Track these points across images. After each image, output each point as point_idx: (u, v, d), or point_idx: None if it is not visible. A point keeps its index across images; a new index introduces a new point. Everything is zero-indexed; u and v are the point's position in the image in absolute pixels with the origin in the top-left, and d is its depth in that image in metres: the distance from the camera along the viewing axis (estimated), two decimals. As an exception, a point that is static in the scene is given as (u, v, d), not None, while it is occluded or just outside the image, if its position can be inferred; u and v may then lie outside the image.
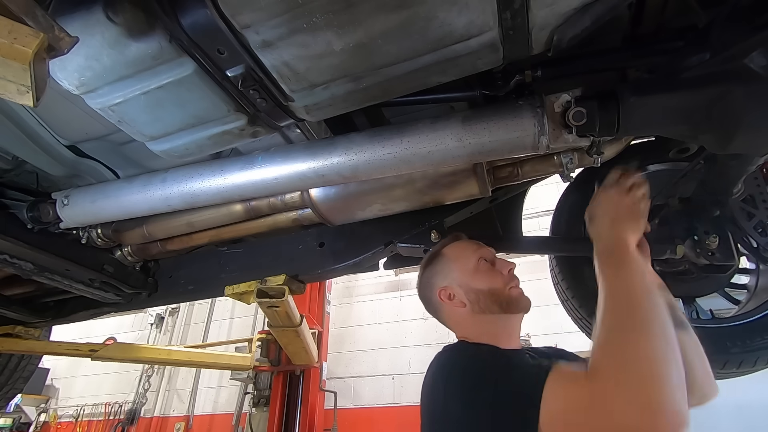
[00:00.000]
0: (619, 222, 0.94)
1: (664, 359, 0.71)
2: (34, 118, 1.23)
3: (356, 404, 5.21)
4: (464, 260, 1.15)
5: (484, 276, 1.11)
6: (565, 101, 1.00)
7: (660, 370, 0.70)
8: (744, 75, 0.86)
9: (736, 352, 1.36)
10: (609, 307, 0.81)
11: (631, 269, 0.85)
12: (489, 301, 1.07)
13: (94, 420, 6.65)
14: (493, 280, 1.10)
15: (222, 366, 4.36)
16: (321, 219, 1.50)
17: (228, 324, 6.65)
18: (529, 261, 5.01)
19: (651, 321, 0.76)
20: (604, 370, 0.73)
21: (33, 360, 2.84)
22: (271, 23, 0.78)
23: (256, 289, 1.65)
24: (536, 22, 0.83)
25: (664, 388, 0.68)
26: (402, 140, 1.08)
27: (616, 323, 0.78)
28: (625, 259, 0.87)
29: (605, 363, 0.74)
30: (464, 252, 1.17)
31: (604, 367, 0.74)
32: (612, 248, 0.90)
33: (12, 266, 1.48)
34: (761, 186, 1.34)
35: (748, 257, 1.55)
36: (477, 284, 1.09)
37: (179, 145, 1.06)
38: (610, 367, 0.73)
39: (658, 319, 0.76)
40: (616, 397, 0.69)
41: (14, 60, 0.57)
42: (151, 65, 0.86)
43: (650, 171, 1.55)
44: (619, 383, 0.70)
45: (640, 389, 0.68)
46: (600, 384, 0.72)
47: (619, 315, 0.79)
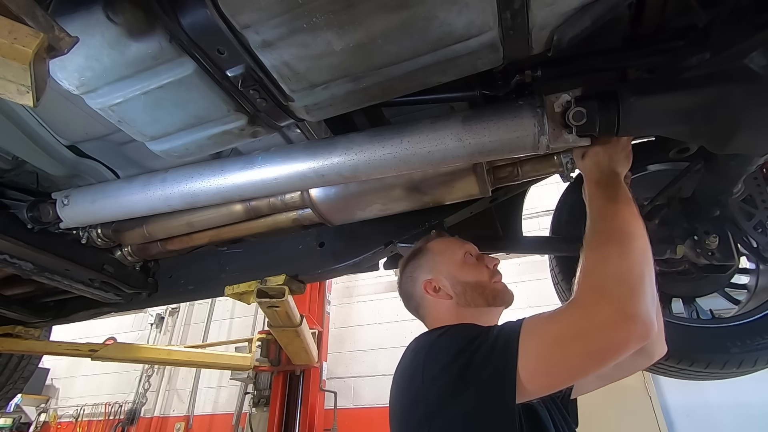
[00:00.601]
0: (617, 158, 1.01)
1: (641, 275, 0.79)
2: (34, 118, 1.23)
3: (356, 404, 5.21)
4: (450, 253, 1.16)
5: (471, 269, 1.13)
6: (565, 101, 1.00)
7: (640, 285, 0.78)
8: (744, 75, 0.85)
9: (736, 352, 1.37)
10: (597, 228, 0.89)
11: (621, 196, 0.93)
12: (475, 294, 1.09)
13: (94, 420, 6.64)
14: (479, 274, 1.12)
15: (222, 366, 4.36)
16: (321, 219, 1.50)
17: (228, 324, 6.65)
18: (529, 261, 5.02)
19: (634, 241, 0.84)
20: (590, 293, 0.81)
21: (33, 360, 2.84)
22: (271, 23, 0.78)
23: (256, 289, 1.65)
24: (536, 22, 0.83)
25: (643, 302, 0.76)
26: (402, 140, 1.08)
27: (602, 244, 0.86)
28: (616, 188, 0.95)
29: (590, 286, 0.82)
30: (450, 246, 1.19)
31: (591, 290, 0.81)
32: (605, 178, 0.98)
33: (12, 266, 1.48)
34: (761, 186, 1.35)
35: (748, 257, 1.55)
36: (464, 277, 1.11)
37: (179, 145, 1.06)
38: (595, 288, 0.81)
39: (640, 240, 0.84)
40: (602, 314, 0.77)
41: (14, 60, 0.57)
42: (151, 65, 0.86)
43: (650, 171, 1.55)
44: (604, 299, 0.77)
45: (623, 303, 0.76)
46: (587, 304, 0.80)
47: (606, 236, 0.87)
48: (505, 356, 0.80)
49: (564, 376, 0.83)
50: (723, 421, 3.92)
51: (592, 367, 0.80)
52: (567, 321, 0.81)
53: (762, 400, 3.83)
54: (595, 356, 0.78)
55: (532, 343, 0.81)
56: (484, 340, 0.86)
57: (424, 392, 0.87)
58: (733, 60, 0.87)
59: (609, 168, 1.00)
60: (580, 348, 0.78)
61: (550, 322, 0.83)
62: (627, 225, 0.87)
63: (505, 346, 0.81)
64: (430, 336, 0.98)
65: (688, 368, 1.41)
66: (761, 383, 3.70)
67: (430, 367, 0.88)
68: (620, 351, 0.76)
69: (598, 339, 0.77)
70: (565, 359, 0.79)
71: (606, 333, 0.76)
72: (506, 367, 0.79)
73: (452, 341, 0.91)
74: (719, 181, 1.26)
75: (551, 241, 1.71)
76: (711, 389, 3.98)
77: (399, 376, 0.98)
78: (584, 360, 0.79)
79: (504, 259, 4.62)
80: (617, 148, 1.02)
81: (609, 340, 0.76)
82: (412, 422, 0.89)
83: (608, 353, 0.77)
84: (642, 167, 1.56)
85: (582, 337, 0.78)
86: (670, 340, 1.41)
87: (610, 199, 0.93)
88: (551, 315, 0.84)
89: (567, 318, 0.82)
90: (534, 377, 0.79)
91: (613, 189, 0.95)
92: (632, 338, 0.75)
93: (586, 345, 0.78)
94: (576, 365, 0.80)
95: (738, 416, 3.87)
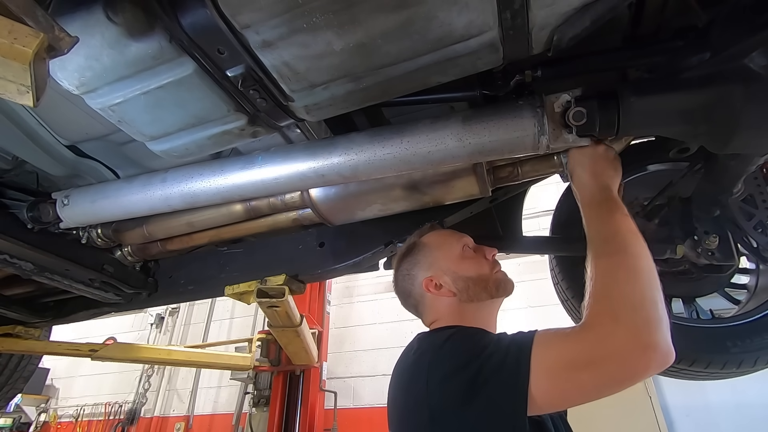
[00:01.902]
0: (601, 171, 0.99)
1: (654, 300, 0.77)
2: (34, 118, 1.23)
3: (356, 404, 5.21)
4: (448, 248, 1.13)
5: (471, 263, 1.10)
6: (565, 101, 1.00)
7: (654, 312, 0.75)
8: (744, 75, 0.86)
9: (736, 352, 1.36)
10: (600, 251, 0.86)
11: (618, 212, 0.90)
12: (478, 288, 1.06)
13: (94, 420, 6.65)
14: (480, 267, 1.10)
15: (222, 366, 4.36)
16: (321, 219, 1.50)
17: (228, 324, 6.65)
18: (529, 261, 5.02)
19: (640, 261, 0.82)
20: (604, 318, 0.77)
21: (33, 360, 2.84)
22: (271, 23, 0.78)
23: (256, 289, 1.65)
24: (536, 22, 0.83)
25: (659, 328, 0.74)
26: (402, 140, 1.08)
27: (609, 267, 0.83)
28: (611, 204, 0.93)
29: (603, 311, 0.78)
30: (447, 240, 1.15)
31: (604, 315, 0.78)
32: (598, 195, 0.96)
33: (12, 266, 1.48)
34: (761, 186, 1.34)
35: (748, 257, 1.55)
36: (465, 272, 1.08)
37: (179, 145, 1.06)
38: (608, 313, 0.77)
39: (645, 258, 0.83)
40: (619, 342, 0.74)
41: (14, 60, 0.57)
42: (151, 65, 0.86)
43: (650, 171, 1.55)
44: (620, 327, 0.74)
45: (640, 330, 0.73)
46: (602, 332, 0.76)
47: (611, 258, 0.84)
48: (518, 371, 0.78)
49: (576, 399, 0.80)
50: (723, 421, 3.92)
51: (606, 392, 0.77)
52: (581, 346, 0.78)
53: (762, 400, 3.83)
54: (611, 383, 0.76)
55: (544, 363, 0.78)
56: (495, 350, 0.83)
57: (427, 398, 0.84)
58: (733, 60, 0.87)
59: (596, 182, 0.98)
60: (595, 375, 0.76)
61: (564, 344, 0.80)
62: (629, 246, 0.84)
63: (517, 361, 0.79)
64: (436, 338, 0.95)
65: (688, 368, 1.41)
66: (761, 383, 3.70)
67: (435, 372, 0.85)
68: (637, 378, 0.75)
69: (615, 367, 0.75)
70: (579, 384, 0.77)
71: (623, 362, 0.74)
72: (518, 383, 0.77)
73: (461, 348, 0.88)
74: (719, 180, 1.26)
75: (551, 241, 1.70)
76: (711, 389, 3.98)
77: (399, 376, 0.97)
78: (598, 386, 0.77)
79: (504, 259, 4.62)
80: (598, 159, 1.00)
81: (626, 369, 0.74)
82: (413, 424, 0.87)
83: (625, 381, 0.75)
84: (642, 167, 1.55)
85: (597, 365, 0.75)
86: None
87: (606, 221, 0.91)
88: (565, 336, 0.81)
89: (581, 343, 0.78)
90: (545, 397, 0.77)
91: (607, 206, 0.93)
92: (651, 366, 0.73)
93: (601, 372, 0.75)
94: (589, 390, 0.77)
95: (738, 416, 3.87)
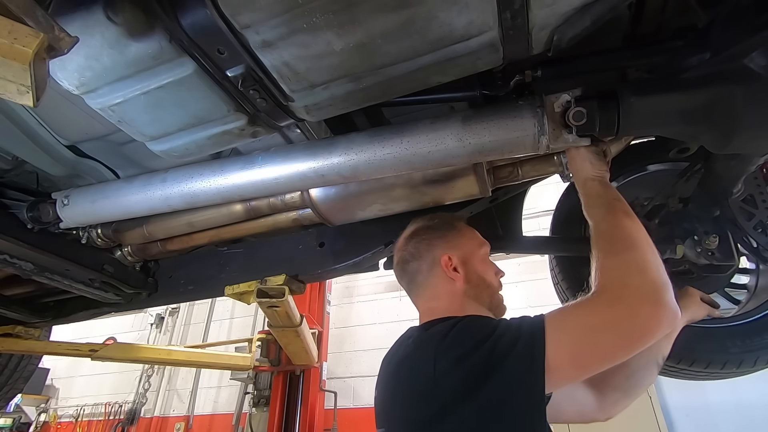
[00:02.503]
0: (595, 166, 1.04)
1: (658, 266, 0.84)
2: (34, 118, 1.23)
3: (356, 404, 5.21)
4: (476, 243, 1.14)
5: (488, 267, 1.12)
6: (565, 101, 1.00)
7: (659, 275, 0.82)
8: (744, 75, 0.86)
9: (736, 352, 1.36)
10: (603, 234, 0.93)
11: (620, 204, 0.97)
12: (485, 292, 1.07)
13: (94, 420, 6.64)
14: (492, 276, 1.11)
15: (222, 366, 4.36)
16: (321, 219, 1.50)
17: (228, 324, 6.65)
18: (529, 261, 5.02)
19: (639, 238, 0.89)
20: (614, 284, 0.83)
21: (33, 360, 2.84)
22: (271, 23, 0.78)
23: (256, 289, 1.65)
24: (536, 22, 0.83)
25: (666, 289, 0.80)
26: (402, 140, 1.08)
27: (612, 245, 0.89)
28: (609, 194, 0.99)
29: (613, 278, 0.84)
30: (477, 238, 1.16)
31: (614, 282, 0.84)
32: (596, 187, 1.01)
33: (12, 266, 1.48)
34: (761, 186, 1.34)
35: (748, 257, 1.55)
36: (482, 272, 1.09)
37: (179, 145, 1.06)
38: (617, 280, 0.83)
39: (644, 235, 0.90)
40: (630, 301, 0.80)
41: (14, 60, 0.57)
42: (151, 65, 0.86)
43: (650, 171, 1.55)
44: (630, 289, 0.81)
45: (649, 291, 0.80)
46: (613, 294, 0.82)
47: (614, 239, 0.91)
48: (533, 344, 0.79)
49: (594, 364, 0.82)
50: (723, 421, 3.92)
51: (622, 354, 0.81)
52: (596, 310, 0.82)
53: (762, 401, 3.83)
54: (627, 344, 0.80)
55: (561, 334, 0.81)
56: (506, 330, 0.84)
57: (434, 387, 0.82)
58: (733, 60, 0.87)
59: (593, 175, 1.03)
60: (612, 335, 0.79)
61: (578, 312, 0.85)
62: (626, 230, 0.91)
63: (531, 335, 0.81)
64: (439, 328, 0.91)
65: (688, 368, 1.41)
66: (761, 383, 3.70)
67: (443, 360, 0.83)
68: (650, 336, 0.79)
69: (630, 326, 0.79)
70: (597, 347, 0.80)
71: (637, 320, 0.79)
72: (534, 359, 0.78)
73: (469, 333, 0.86)
74: (719, 181, 1.26)
75: (551, 241, 1.70)
76: (711, 389, 3.98)
77: (396, 368, 0.94)
78: (615, 348, 0.80)
79: (504, 259, 4.61)
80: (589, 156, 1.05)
81: (640, 327, 0.79)
82: (418, 421, 0.83)
83: (639, 340, 0.79)
84: (642, 167, 1.55)
85: (613, 325, 0.79)
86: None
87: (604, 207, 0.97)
88: (577, 306, 0.85)
89: (596, 307, 0.83)
90: (564, 367, 0.79)
91: (603, 196, 0.99)
92: (662, 323, 0.78)
93: (617, 332, 0.79)
94: (607, 352, 0.81)
95: (738, 416, 3.87)
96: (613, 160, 1.13)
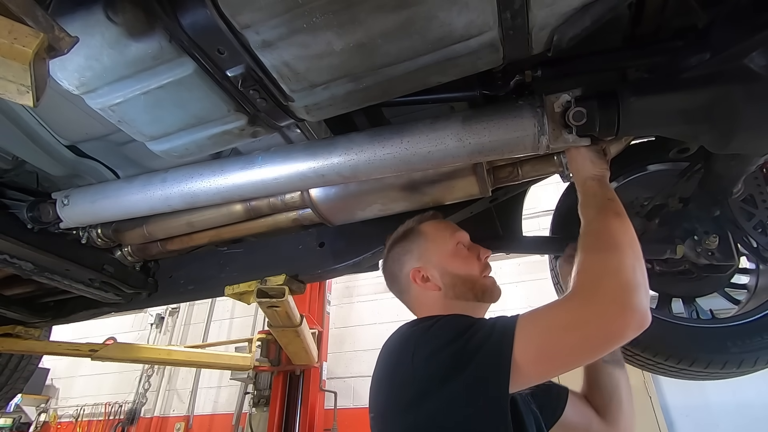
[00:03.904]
0: (596, 165, 1.03)
1: (634, 267, 0.82)
2: (34, 118, 1.23)
3: (356, 404, 5.21)
4: (442, 241, 1.13)
5: (462, 261, 1.10)
6: (565, 101, 1.00)
7: (633, 277, 0.81)
8: (744, 75, 0.85)
9: (736, 352, 1.36)
10: (589, 233, 0.92)
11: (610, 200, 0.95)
12: (465, 288, 1.07)
13: (94, 420, 6.65)
14: (470, 267, 1.10)
15: (222, 366, 4.36)
16: (321, 219, 1.50)
17: (228, 324, 6.65)
18: (529, 261, 5.02)
19: (623, 239, 0.87)
20: (587, 285, 0.83)
21: (33, 360, 2.84)
22: (271, 23, 0.78)
23: (256, 289, 1.65)
24: (536, 22, 0.83)
25: (638, 292, 0.79)
26: (402, 140, 1.08)
27: (594, 245, 0.89)
28: (604, 194, 0.98)
29: (587, 279, 0.84)
30: (442, 232, 1.15)
31: (587, 282, 0.84)
32: (594, 186, 1.00)
33: (12, 266, 1.48)
34: (761, 186, 1.34)
35: (748, 257, 1.55)
36: (455, 269, 1.08)
37: (179, 145, 1.06)
38: (591, 281, 0.83)
39: (629, 237, 0.88)
40: (600, 302, 0.79)
41: (14, 60, 0.57)
42: (151, 65, 0.86)
43: (650, 171, 1.55)
44: (602, 290, 0.80)
45: (619, 293, 0.79)
46: (585, 295, 0.82)
47: (597, 239, 0.90)
48: (502, 343, 0.81)
49: (560, 364, 0.84)
50: (723, 421, 3.92)
51: (588, 354, 0.83)
52: (566, 310, 0.83)
53: (762, 400, 3.83)
54: (593, 345, 0.80)
55: (530, 332, 0.82)
56: (480, 327, 0.87)
57: (412, 376, 0.86)
58: (733, 60, 0.87)
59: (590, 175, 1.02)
60: (579, 335, 0.80)
61: (549, 311, 0.85)
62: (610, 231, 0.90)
63: (502, 334, 0.82)
64: (424, 323, 0.97)
65: (688, 368, 1.41)
66: (761, 383, 3.70)
67: (420, 352, 0.88)
68: (617, 339, 0.79)
69: (596, 328, 0.79)
70: (564, 346, 0.81)
71: (604, 322, 0.78)
72: (502, 354, 0.80)
73: (446, 328, 0.91)
74: (719, 181, 1.26)
75: (551, 241, 1.70)
76: (711, 389, 3.98)
77: (384, 359, 0.97)
78: (582, 348, 0.81)
79: (504, 259, 4.60)
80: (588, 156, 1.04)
81: (606, 330, 0.79)
82: (398, 407, 0.88)
83: (605, 343, 0.80)
84: (642, 167, 1.55)
85: (581, 325, 0.80)
86: (671, 340, 1.41)
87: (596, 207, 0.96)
88: (549, 306, 0.86)
89: (566, 307, 0.84)
90: (531, 364, 0.80)
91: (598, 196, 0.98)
92: (629, 328, 0.77)
93: (584, 333, 0.79)
94: (574, 353, 0.82)
95: (738, 416, 3.88)
96: (613, 160, 1.13)
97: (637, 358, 1.46)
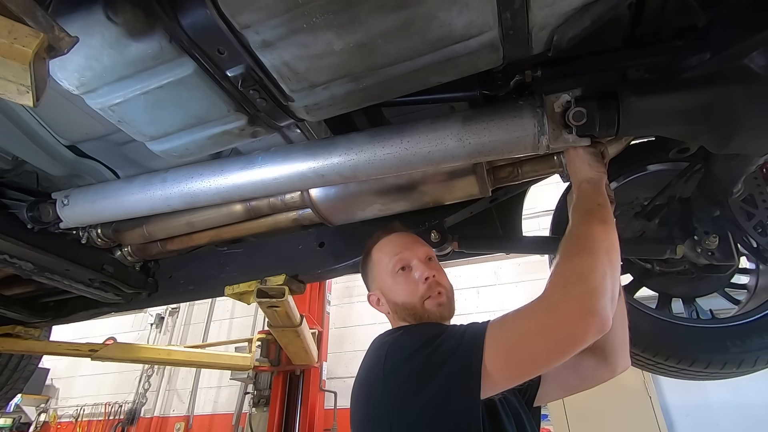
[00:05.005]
0: (593, 168, 1.03)
1: (604, 274, 0.83)
2: (34, 118, 1.23)
3: (356, 404, 5.21)
4: (383, 267, 1.13)
5: (399, 287, 1.09)
6: (565, 101, 1.00)
7: (601, 283, 0.81)
8: (744, 75, 0.85)
9: (736, 352, 1.36)
10: (570, 237, 0.93)
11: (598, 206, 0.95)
12: (405, 313, 1.08)
13: (94, 420, 6.65)
14: (406, 293, 1.08)
15: (222, 366, 4.36)
16: (321, 219, 1.50)
17: (228, 324, 6.65)
18: (529, 261, 5.02)
19: (600, 246, 0.87)
20: (556, 289, 0.84)
21: (33, 360, 2.84)
22: (271, 23, 0.78)
23: (256, 289, 1.65)
24: (536, 22, 0.83)
25: (602, 298, 0.80)
26: (402, 140, 1.08)
27: (571, 250, 0.89)
28: (595, 199, 0.97)
29: (556, 284, 0.85)
30: (384, 256, 1.14)
31: (556, 287, 0.85)
32: (587, 190, 1.00)
33: (12, 266, 1.48)
34: (761, 186, 1.34)
35: (748, 257, 1.55)
36: (393, 296, 1.10)
37: (179, 145, 1.06)
38: (560, 285, 0.84)
39: (608, 244, 0.88)
40: (565, 307, 0.80)
41: (14, 60, 0.57)
42: (151, 65, 0.86)
43: (650, 171, 1.55)
44: (567, 296, 0.81)
45: (584, 299, 0.80)
46: (551, 300, 0.83)
47: (576, 243, 0.90)
48: (472, 350, 0.82)
49: (529, 368, 0.85)
50: (723, 421, 3.92)
51: (554, 359, 0.83)
52: (532, 316, 0.84)
53: (762, 400, 3.83)
54: (558, 349, 0.81)
55: (499, 338, 0.84)
56: (450, 335, 0.89)
57: (383, 385, 0.88)
58: (733, 60, 0.87)
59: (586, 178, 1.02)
60: (544, 340, 0.81)
61: (517, 318, 0.86)
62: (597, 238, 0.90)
63: (472, 341, 0.84)
64: (392, 333, 1.01)
65: (688, 368, 1.41)
66: (761, 383, 3.70)
67: (390, 361, 0.90)
68: (579, 343, 0.80)
69: (561, 332, 0.80)
70: (531, 351, 0.82)
71: (567, 326, 0.80)
72: (472, 361, 0.81)
73: (415, 337, 0.93)
74: (719, 181, 1.26)
75: (551, 241, 1.70)
76: (711, 389, 3.98)
77: (360, 373, 0.99)
78: (548, 354, 0.82)
79: (504, 259, 4.60)
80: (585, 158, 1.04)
81: (569, 333, 0.80)
82: (370, 416, 0.90)
83: (569, 346, 0.81)
84: (642, 167, 1.55)
85: (546, 331, 0.81)
86: (671, 340, 1.41)
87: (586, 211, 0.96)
88: (518, 311, 0.87)
89: (533, 313, 0.85)
90: (501, 370, 0.82)
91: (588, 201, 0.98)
92: (589, 332, 0.79)
93: (549, 337, 0.81)
94: (540, 356, 0.83)
95: (738, 416, 3.87)
96: (613, 160, 1.13)
97: (637, 358, 1.46)
